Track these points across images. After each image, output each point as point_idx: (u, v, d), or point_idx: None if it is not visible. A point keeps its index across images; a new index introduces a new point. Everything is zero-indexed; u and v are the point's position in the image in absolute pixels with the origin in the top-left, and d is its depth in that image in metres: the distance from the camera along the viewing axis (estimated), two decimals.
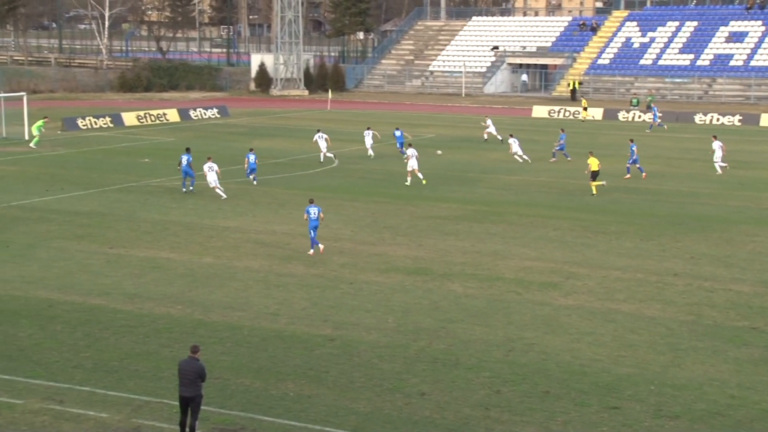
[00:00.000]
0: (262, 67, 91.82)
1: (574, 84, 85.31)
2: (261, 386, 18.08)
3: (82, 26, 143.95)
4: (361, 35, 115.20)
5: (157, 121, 64.71)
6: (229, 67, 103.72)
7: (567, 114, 73.43)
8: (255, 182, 39.34)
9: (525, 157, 47.56)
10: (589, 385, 18.44)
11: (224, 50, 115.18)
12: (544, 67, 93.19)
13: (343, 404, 17.30)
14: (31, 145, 50.46)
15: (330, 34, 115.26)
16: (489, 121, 56.51)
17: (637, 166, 42.72)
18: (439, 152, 50.61)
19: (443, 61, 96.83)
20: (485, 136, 55.71)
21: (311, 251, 28.25)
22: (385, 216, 34.11)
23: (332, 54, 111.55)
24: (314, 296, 24.00)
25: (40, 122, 51.23)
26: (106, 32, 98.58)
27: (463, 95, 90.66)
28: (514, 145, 47.56)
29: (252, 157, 39.46)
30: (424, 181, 40.27)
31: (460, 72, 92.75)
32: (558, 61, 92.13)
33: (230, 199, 36.47)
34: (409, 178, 40.53)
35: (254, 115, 71.23)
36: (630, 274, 26.29)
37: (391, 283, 25.32)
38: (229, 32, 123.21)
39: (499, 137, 54.95)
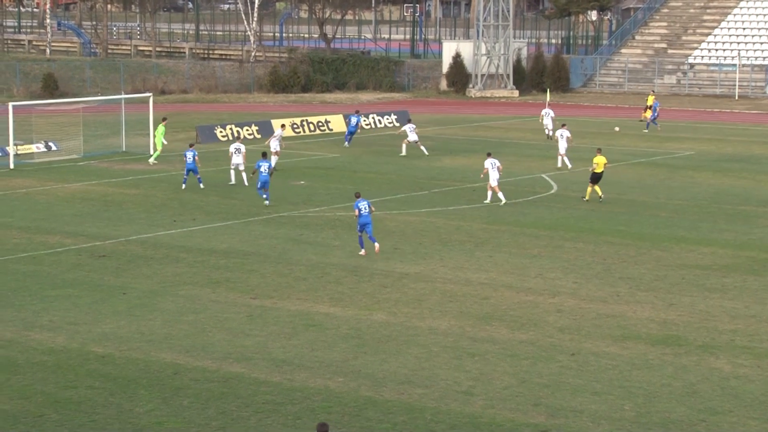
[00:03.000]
0: (457, 59, 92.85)
1: None
2: None
3: (225, 6, 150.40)
4: (593, 15, 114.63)
5: (317, 131, 66.51)
6: (414, 59, 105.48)
7: None
8: (267, 201, 42.27)
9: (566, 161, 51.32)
10: None
11: (407, 37, 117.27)
12: None
13: None
14: (152, 160, 52.50)
15: (550, 15, 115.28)
16: (546, 111, 64.16)
17: None
18: (617, 129, 58.78)
19: (709, 50, 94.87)
20: (549, 132, 62.13)
21: (362, 251, 33.79)
22: (621, 263, 33.74)
23: (553, 41, 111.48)
24: (521, 370, 23.94)
25: (161, 128, 52.50)
26: (255, 14, 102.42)
27: (737, 97, 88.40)
28: (561, 140, 51.43)
29: (264, 166, 42.04)
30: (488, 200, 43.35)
31: (734, 65, 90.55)
32: None
33: (410, 237, 36.98)
34: (489, 193, 43.32)
35: (444, 124, 72.01)
36: None
37: (628, 355, 24.99)
38: (415, 13, 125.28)
39: (548, 133, 61.68)
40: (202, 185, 45.33)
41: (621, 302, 29.39)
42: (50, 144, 57.07)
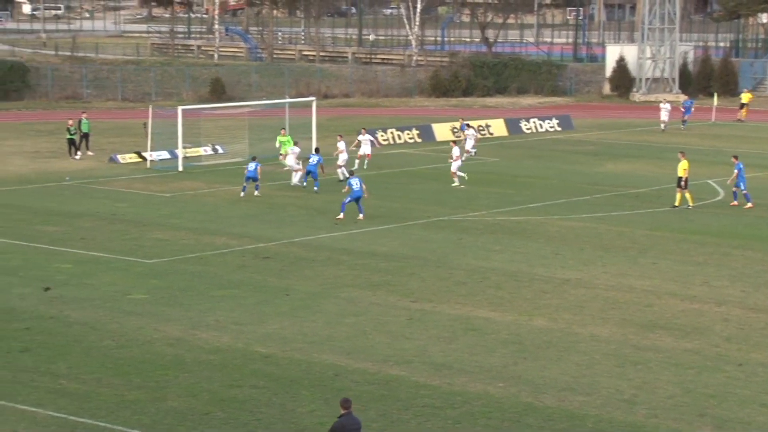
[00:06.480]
0: (621, 63, 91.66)
1: None
2: None
3: (388, 11, 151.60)
4: (764, 17, 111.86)
5: (478, 135, 66.40)
6: (576, 63, 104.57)
7: None
8: (257, 192, 45.00)
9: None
10: None
11: (570, 41, 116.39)
12: None
13: None
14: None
15: (719, 17, 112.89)
16: (665, 105, 71.09)
17: (743, 191, 42.93)
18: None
19: None
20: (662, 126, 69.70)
21: (341, 215, 39.19)
22: None
23: (721, 44, 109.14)
24: (686, 380, 23.55)
25: (288, 138, 52.10)
26: (417, 19, 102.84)
27: None
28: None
29: (253, 166, 44.65)
30: (455, 184, 47.09)
31: None
32: None
33: (571, 242, 36.67)
34: (456, 179, 47.30)
35: (607, 129, 71.19)
36: None
37: None
38: (578, 16, 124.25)
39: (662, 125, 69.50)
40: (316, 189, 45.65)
41: None
42: (217, 147, 58.25)
